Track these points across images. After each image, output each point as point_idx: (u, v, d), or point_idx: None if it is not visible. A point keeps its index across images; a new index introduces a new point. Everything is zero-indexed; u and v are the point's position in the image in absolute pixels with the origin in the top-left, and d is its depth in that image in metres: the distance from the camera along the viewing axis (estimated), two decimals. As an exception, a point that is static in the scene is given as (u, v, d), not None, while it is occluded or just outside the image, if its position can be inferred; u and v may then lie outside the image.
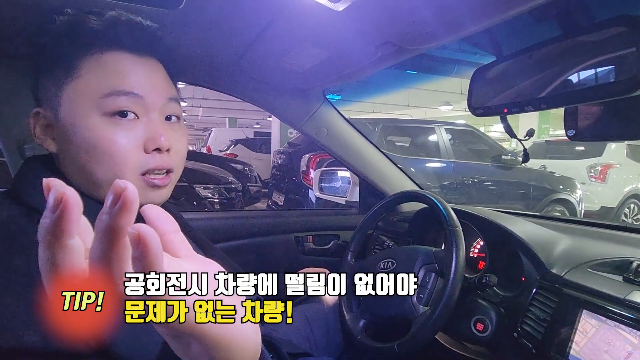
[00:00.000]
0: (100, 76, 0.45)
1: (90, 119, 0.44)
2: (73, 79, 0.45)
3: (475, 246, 0.95)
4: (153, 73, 0.49)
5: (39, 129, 0.48)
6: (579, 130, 0.61)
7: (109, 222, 0.21)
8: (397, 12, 0.54)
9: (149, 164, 0.46)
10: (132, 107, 0.46)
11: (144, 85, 0.47)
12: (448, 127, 4.17)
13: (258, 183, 5.77)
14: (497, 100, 0.64)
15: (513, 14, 0.48)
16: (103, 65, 0.45)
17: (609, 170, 4.86)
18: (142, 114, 0.47)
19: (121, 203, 0.21)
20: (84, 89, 0.45)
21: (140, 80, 0.47)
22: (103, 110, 0.44)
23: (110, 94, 0.44)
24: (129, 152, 0.45)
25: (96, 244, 0.22)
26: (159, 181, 0.48)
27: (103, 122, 0.44)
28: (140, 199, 0.48)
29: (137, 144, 0.46)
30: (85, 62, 0.45)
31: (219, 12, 0.67)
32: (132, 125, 0.46)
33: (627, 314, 0.55)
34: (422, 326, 0.69)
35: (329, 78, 0.95)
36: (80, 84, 0.45)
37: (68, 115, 0.45)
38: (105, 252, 0.22)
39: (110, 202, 0.21)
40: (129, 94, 0.45)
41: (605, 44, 0.48)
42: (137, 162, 0.46)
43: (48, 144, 0.48)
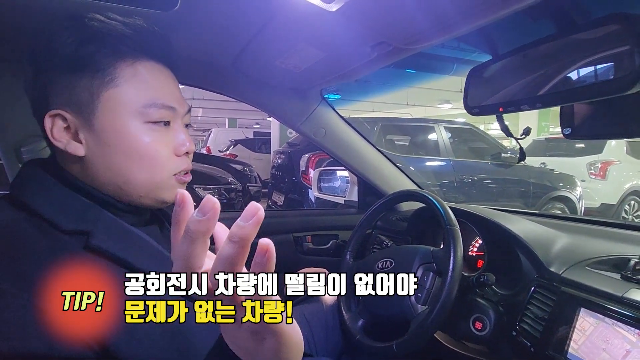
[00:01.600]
0: (139, 86, 0.48)
1: (132, 126, 0.48)
2: (111, 87, 0.47)
3: (473, 245, 0.95)
4: (175, 83, 0.53)
5: (58, 131, 0.48)
6: (576, 128, 0.61)
7: (245, 232, 0.26)
8: (390, 12, 0.54)
9: (181, 166, 0.52)
10: (168, 117, 0.51)
11: (175, 96, 0.52)
12: (447, 126, 4.16)
13: (258, 183, 5.77)
14: (493, 100, 0.64)
15: (507, 13, 0.48)
16: (138, 75, 0.48)
17: (609, 167, 4.85)
18: (173, 121, 0.52)
19: (256, 219, 0.27)
20: (124, 97, 0.47)
21: (173, 92, 0.52)
22: (145, 118, 0.48)
23: (151, 105, 0.48)
24: (165, 157, 0.50)
25: (229, 246, 0.27)
26: (187, 177, 0.54)
27: (145, 128, 0.48)
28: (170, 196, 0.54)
29: (170, 149, 0.51)
30: (121, 71, 0.47)
31: (214, 14, 0.67)
32: (166, 131, 0.51)
33: (625, 312, 0.55)
34: (421, 325, 0.69)
35: (326, 78, 0.94)
36: (119, 93, 0.47)
37: (107, 120, 0.47)
38: (234, 253, 0.27)
39: (246, 215, 0.27)
40: (169, 107, 0.50)
41: (600, 42, 0.47)
42: (171, 165, 0.51)
43: (74, 147, 0.48)
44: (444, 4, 0.48)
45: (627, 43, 0.43)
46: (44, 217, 0.43)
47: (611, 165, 4.88)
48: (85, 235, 0.44)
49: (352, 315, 0.84)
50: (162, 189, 0.51)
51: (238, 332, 0.31)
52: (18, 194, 0.46)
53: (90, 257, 0.43)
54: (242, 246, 0.27)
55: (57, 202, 0.45)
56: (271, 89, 1.06)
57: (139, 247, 0.47)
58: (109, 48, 0.47)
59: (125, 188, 0.49)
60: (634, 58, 0.42)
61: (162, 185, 0.51)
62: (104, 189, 0.49)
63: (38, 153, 0.86)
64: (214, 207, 0.27)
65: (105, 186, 0.49)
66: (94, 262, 0.42)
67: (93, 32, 0.47)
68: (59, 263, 0.39)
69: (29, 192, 0.46)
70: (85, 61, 0.46)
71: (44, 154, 0.51)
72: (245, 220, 0.26)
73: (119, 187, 0.49)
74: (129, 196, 0.50)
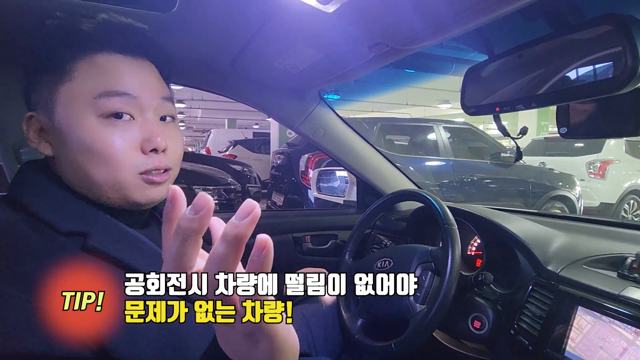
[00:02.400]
0: (94, 77, 0.45)
1: (85, 120, 0.45)
2: (66, 82, 0.45)
3: (472, 244, 0.96)
4: (145, 73, 0.49)
5: (32, 133, 0.48)
6: (572, 128, 0.61)
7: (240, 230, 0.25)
8: (387, 13, 0.55)
9: (147, 165, 0.47)
10: (127, 108, 0.46)
11: (137, 85, 0.47)
12: (446, 126, 4.16)
13: (257, 184, 5.77)
14: (489, 99, 0.64)
15: (501, 14, 0.48)
16: (96, 67, 0.46)
17: (608, 167, 4.86)
18: (137, 114, 0.47)
19: (252, 217, 0.25)
20: (78, 90, 0.45)
21: (133, 81, 0.47)
22: (98, 111, 0.45)
23: (103, 94, 0.45)
24: (126, 153, 0.46)
25: (222, 245, 0.26)
26: (158, 177, 0.48)
27: (99, 123, 0.45)
28: (140, 196, 0.49)
29: (133, 145, 0.46)
30: (78, 65, 0.46)
31: (212, 15, 0.67)
32: (128, 126, 0.46)
33: (622, 310, 0.56)
34: (419, 325, 0.69)
35: (324, 78, 0.95)
36: (73, 86, 0.45)
37: (63, 117, 0.45)
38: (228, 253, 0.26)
39: (241, 213, 0.26)
40: (123, 94, 0.46)
41: (594, 42, 0.48)
42: (134, 162, 0.46)
43: (43, 147, 0.48)
44: (439, 6, 0.49)
45: (620, 43, 0.44)
46: (42, 219, 0.43)
47: (610, 164, 4.88)
48: (82, 236, 0.44)
49: (351, 315, 0.84)
50: (127, 190, 0.47)
51: (232, 335, 0.30)
52: (16, 195, 0.46)
53: (88, 258, 0.43)
54: (236, 245, 0.26)
55: (54, 203, 0.45)
56: (270, 90, 1.06)
57: (136, 248, 0.47)
58: (67, 44, 0.46)
59: (90, 188, 0.47)
60: (626, 58, 0.43)
61: (127, 186, 0.47)
62: (76, 187, 0.47)
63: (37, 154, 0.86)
64: (208, 204, 0.25)
65: (76, 187, 0.47)
66: (92, 263, 0.43)
67: (53, 30, 0.46)
68: (58, 264, 0.39)
69: (26, 193, 0.46)
70: (46, 59, 0.46)
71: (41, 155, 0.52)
72: (240, 219, 0.25)
73: (86, 188, 0.47)
74: (94, 196, 0.47)
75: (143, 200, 0.48)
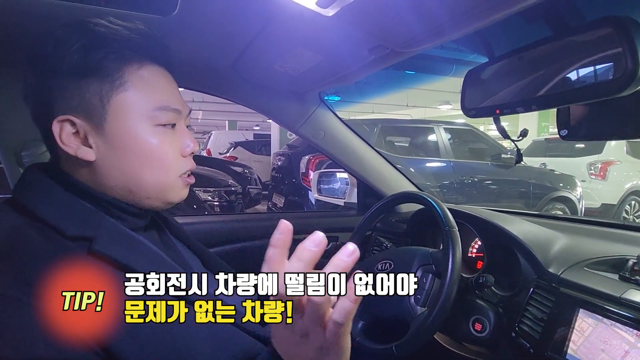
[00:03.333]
0: (147, 91, 0.49)
1: (142, 129, 0.49)
2: (120, 92, 0.48)
3: (473, 246, 0.96)
4: (176, 87, 0.55)
5: (67, 136, 0.47)
6: (572, 130, 0.61)
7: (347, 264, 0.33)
8: (386, 16, 0.55)
9: (187, 167, 0.54)
10: (174, 120, 0.52)
11: (179, 99, 0.53)
12: (447, 127, 4.16)
13: (258, 185, 5.77)
14: (489, 102, 0.64)
15: (501, 17, 0.48)
16: (145, 80, 0.49)
17: (609, 168, 4.85)
18: (177, 123, 0.53)
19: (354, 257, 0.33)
20: (135, 102, 0.48)
21: (176, 95, 0.53)
22: (155, 121, 0.49)
23: (160, 108, 0.50)
24: (173, 158, 0.52)
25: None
26: (191, 179, 0.55)
27: (154, 131, 0.50)
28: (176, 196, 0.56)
29: (176, 150, 0.52)
30: (129, 75, 0.48)
31: (212, 18, 0.68)
32: (172, 134, 0.52)
33: (623, 312, 0.55)
34: (420, 327, 0.69)
35: (324, 81, 0.95)
36: (129, 97, 0.48)
37: (118, 124, 0.48)
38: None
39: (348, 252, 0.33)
40: (175, 110, 0.51)
41: (594, 44, 0.48)
42: (178, 165, 0.52)
43: (83, 152, 0.47)
44: (439, 8, 0.49)
45: (620, 46, 0.44)
46: (48, 223, 0.43)
47: (611, 165, 4.87)
48: (88, 241, 0.44)
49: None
50: (169, 190, 0.52)
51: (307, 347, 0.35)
52: (21, 198, 0.46)
53: (95, 262, 0.43)
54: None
55: (60, 208, 0.45)
56: (270, 92, 1.06)
57: (140, 253, 0.48)
58: (115, 53, 0.47)
59: (135, 190, 0.50)
60: (627, 60, 0.43)
61: (170, 186, 0.52)
62: (112, 192, 0.49)
63: (38, 157, 0.86)
64: (322, 241, 0.33)
65: (113, 189, 0.49)
66: (99, 267, 0.43)
67: (99, 37, 0.47)
68: (65, 268, 0.39)
69: (32, 197, 0.46)
70: (93, 66, 0.47)
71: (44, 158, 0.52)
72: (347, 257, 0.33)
73: (128, 190, 0.50)
74: (136, 199, 0.51)
75: (177, 199, 0.54)
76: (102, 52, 0.47)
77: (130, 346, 0.40)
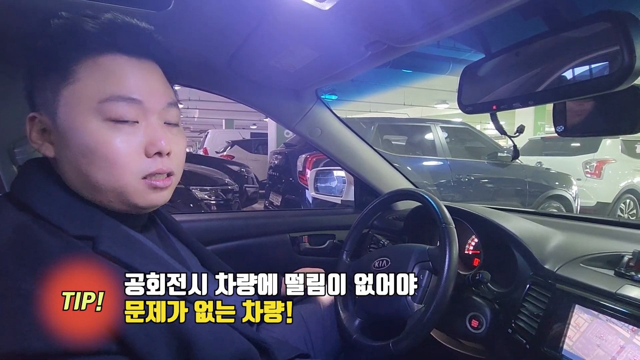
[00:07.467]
0: (99, 80, 0.45)
1: (89, 123, 0.44)
2: (70, 83, 0.45)
3: (469, 243, 0.96)
4: (151, 76, 0.49)
5: (35, 134, 0.47)
6: (568, 126, 0.61)
7: None
8: (383, 11, 0.54)
9: (150, 168, 0.47)
10: (132, 113, 0.46)
11: (142, 89, 0.47)
12: (444, 125, 4.17)
13: (255, 184, 5.76)
14: (486, 98, 0.64)
15: (498, 12, 0.48)
16: (100, 69, 0.45)
17: (605, 166, 4.88)
18: (142, 118, 0.47)
19: None
20: (82, 93, 0.44)
21: (139, 84, 0.47)
22: (103, 115, 0.44)
23: (109, 99, 0.44)
24: (129, 157, 0.45)
25: None
26: (161, 183, 0.48)
27: (103, 126, 0.44)
28: (142, 201, 0.50)
29: (137, 149, 0.46)
30: (82, 66, 0.45)
31: (208, 14, 0.67)
32: (132, 129, 0.46)
33: (619, 308, 0.56)
34: (417, 324, 0.69)
35: (321, 78, 0.95)
36: (78, 88, 0.44)
37: (66, 119, 0.45)
38: None
39: None
40: (128, 99, 0.45)
41: (590, 40, 0.48)
42: (138, 166, 0.46)
43: (45, 148, 0.47)
44: (436, 3, 0.49)
45: (616, 40, 0.44)
46: (52, 222, 0.43)
47: (607, 164, 4.90)
48: (91, 240, 0.43)
49: (349, 315, 0.84)
50: (130, 194, 0.46)
51: None
52: (20, 195, 0.45)
53: (100, 262, 0.43)
54: None
55: (61, 207, 0.45)
56: (267, 89, 1.06)
57: (142, 253, 0.47)
58: (72, 44, 0.45)
59: (94, 192, 0.46)
60: (623, 55, 0.43)
61: (129, 190, 0.46)
62: (78, 189, 0.47)
63: (31, 154, 0.85)
64: None
65: (78, 190, 0.47)
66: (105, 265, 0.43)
67: (57, 30, 0.45)
68: (75, 266, 0.39)
69: (32, 195, 0.45)
70: (50, 59, 0.45)
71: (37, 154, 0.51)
72: None
73: (88, 191, 0.46)
74: (97, 199, 0.47)
75: (145, 204, 0.48)
76: (57, 45, 0.45)
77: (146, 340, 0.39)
